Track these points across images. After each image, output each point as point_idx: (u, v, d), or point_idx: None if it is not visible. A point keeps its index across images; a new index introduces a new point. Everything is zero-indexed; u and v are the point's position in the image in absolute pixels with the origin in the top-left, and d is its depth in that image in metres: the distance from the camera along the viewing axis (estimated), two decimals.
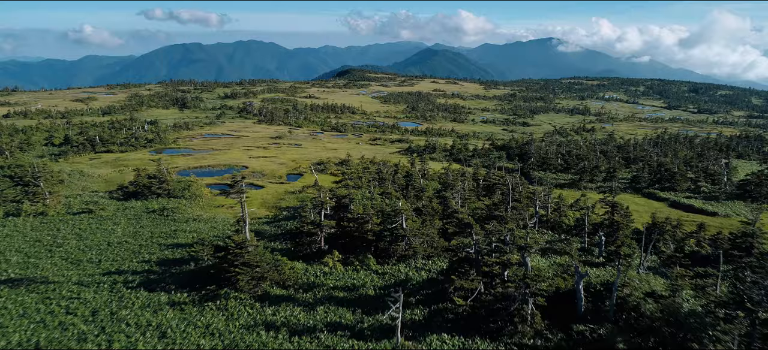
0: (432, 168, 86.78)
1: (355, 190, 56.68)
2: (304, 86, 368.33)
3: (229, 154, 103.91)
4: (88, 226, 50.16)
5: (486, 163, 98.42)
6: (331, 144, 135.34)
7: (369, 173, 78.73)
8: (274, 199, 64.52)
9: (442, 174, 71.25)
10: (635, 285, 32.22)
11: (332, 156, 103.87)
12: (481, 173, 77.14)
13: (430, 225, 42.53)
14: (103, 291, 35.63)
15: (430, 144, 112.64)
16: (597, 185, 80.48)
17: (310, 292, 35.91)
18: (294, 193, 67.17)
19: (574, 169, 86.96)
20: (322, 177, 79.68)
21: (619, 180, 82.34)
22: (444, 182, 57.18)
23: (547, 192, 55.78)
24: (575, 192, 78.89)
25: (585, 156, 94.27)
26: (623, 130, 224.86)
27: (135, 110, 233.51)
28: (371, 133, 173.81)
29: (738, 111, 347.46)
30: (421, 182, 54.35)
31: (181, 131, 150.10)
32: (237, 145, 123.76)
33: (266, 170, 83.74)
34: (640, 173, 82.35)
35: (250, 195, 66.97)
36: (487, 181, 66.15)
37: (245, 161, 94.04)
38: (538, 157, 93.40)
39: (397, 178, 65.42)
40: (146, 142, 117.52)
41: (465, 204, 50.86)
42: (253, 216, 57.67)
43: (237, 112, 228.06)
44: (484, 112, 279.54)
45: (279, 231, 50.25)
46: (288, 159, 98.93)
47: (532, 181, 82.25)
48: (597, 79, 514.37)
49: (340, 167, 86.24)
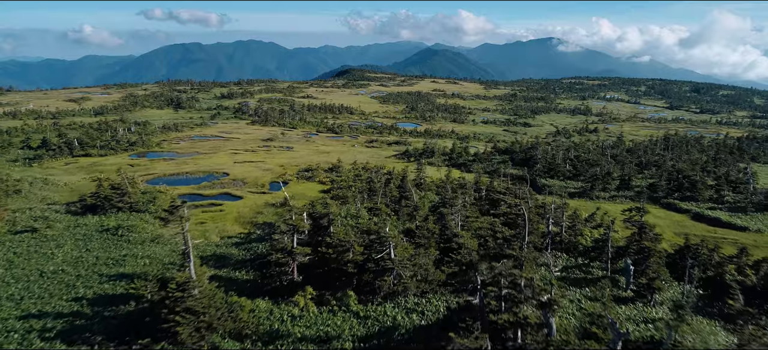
0: (430, 175, 78.94)
1: (341, 206, 48.86)
2: (303, 86, 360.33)
3: (214, 159, 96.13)
4: (25, 250, 42.36)
5: (488, 169, 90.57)
6: (325, 146, 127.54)
7: (360, 181, 70.90)
8: (251, 213, 56.72)
9: (440, 185, 63.38)
10: (689, 345, 24.38)
11: (323, 161, 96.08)
12: (484, 182, 69.25)
13: (425, 254, 34.70)
14: (12, 342, 27.90)
15: (428, 147, 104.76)
16: (610, 194, 72.56)
17: (272, 344, 28.16)
18: (274, 206, 59.35)
19: (585, 176, 79.01)
20: (308, 185, 71.86)
21: (634, 188, 74.43)
22: (442, 196, 49.25)
23: (561, 207, 47.85)
24: (587, 202, 71.08)
25: (595, 161, 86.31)
26: (626, 130, 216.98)
27: (129, 110, 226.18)
28: (368, 134, 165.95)
29: (741, 111, 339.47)
30: (415, 198, 46.46)
31: (169, 133, 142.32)
32: (225, 147, 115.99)
33: (249, 177, 75.90)
34: (657, 181, 74.36)
35: (224, 208, 59.23)
36: (491, 193, 58.29)
37: (229, 166, 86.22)
38: (545, 162, 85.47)
39: (390, 190, 57.60)
40: (128, 145, 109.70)
41: (466, 222, 43.06)
42: (223, 233, 49.92)
43: (232, 112, 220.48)
44: (484, 112, 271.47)
45: (248, 256, 42.44)
46: (276, 164, 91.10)
47: (540, 190, 74.36)
48: (598, 78, 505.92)
49: (330, 174, 78.43)
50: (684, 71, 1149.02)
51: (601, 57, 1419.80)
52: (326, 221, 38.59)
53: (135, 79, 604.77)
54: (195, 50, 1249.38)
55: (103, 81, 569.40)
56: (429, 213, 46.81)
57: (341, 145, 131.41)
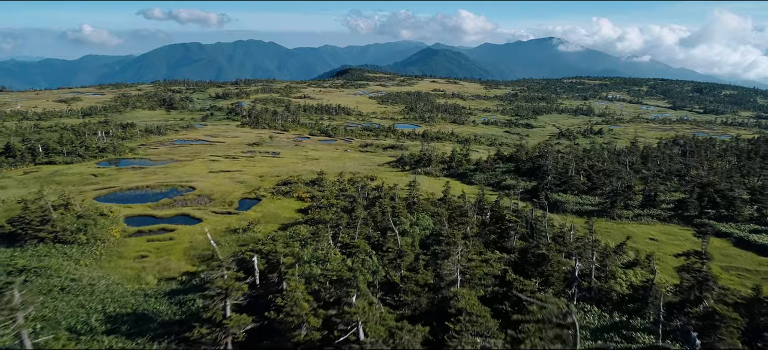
0: (425, 190, 68.02)
1: (311, 241, 37.97)
2: (300, 86, 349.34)
3: (187, 168, 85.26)
4: None
5: (492, 180, 79.54)
6: (315, 151, 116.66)
7: (344, 197, 60.09)
8: (206, 243, 45.91)
9: (436, 206, 52.37)
10: None
11: (309, 170, 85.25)
12: (488, 199, 58.36)
13: (410, 333, 23.78)
14: None
15: (425, 155, 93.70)
16: (634, 212, 61.56)
17: None
18: (236, 232, 48.52)
19: (602, 190, 68.03)
20: (283, 203, 60.92)
21: (661, 205, 63.45)
22: (438, 230, 38.38)
23: (590, 243, 36.98)
24: (607, 222, 60.10)
25: (613, 171, 75.24)
26: (632, 131, 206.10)
27: (119, 111, 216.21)
28: (364, 137, 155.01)
29: (745, 111, 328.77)
30: (400, 241, 35.58)
31: (150, 137, 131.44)
32: (205, 153, 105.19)
33: (217, 192, 65.00)
34: (688, 197, 63.30)
35: (176, 235, 48.38)
36: (497, 217, 47.45)
37: (200, 178, 75.31)
38: (556, 173, 74.43)
39: (375, 213, 46.76)
40: (98, 152, 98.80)
41: (468, 269, 32.20)
42: (163, 273, 39.09)
43: (226, 113, 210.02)
44: (485, 113, 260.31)
45: (178, 315, 31.56)
46: (254, 174, 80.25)
47: (553, 207, 63.43)
48: (599, 78, 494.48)
49: (312, 188, 67.52)
50: (684, 71, 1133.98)
51: (601, 57, 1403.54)
52: (277, 275, 27.71)
53: (135, 78, 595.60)
54: (195, 50, 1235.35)
55: (104, 80, 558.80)
56: (419, 252, 35.98)
57: (332, 151, 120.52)
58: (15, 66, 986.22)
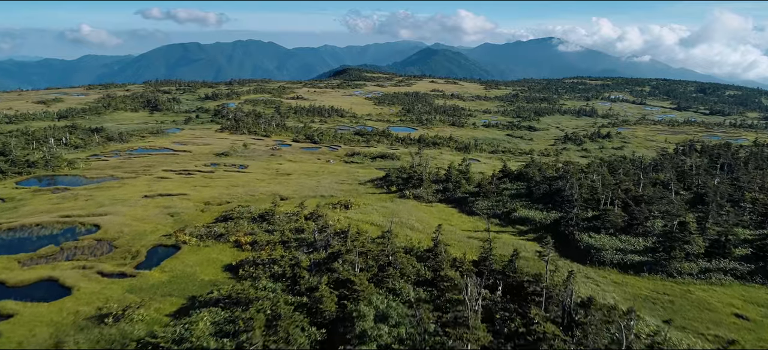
0: (412, 223, 49.44)
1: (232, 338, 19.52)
2: (294, 86, 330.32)
3: (118, 191, 66.44)
4: None
5: (498, 209, 60.90)
6: (291, 163, 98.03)
7: (298, 242, 41.69)
8: (53, 342, 27.49)
9: (418, 302, 33.53)
10: None
11: (270, 192, 66.63)
12: (499, 254, 39.72)
13: None
14: None
15: (415, 172, 74.84)
16: (700, 267, 43.03)
17: None
18: (104, 322, 30.08)
19: (645, 227, 49.44)
20: (212, 253, 42.32)
21: (734, 255, 44.87)
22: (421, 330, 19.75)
23: None
24: (664, 282, 41.44)
25: (653, 198, 56.51)
26: (640, 134, 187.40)
27: (98, 113, 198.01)
28: (353, 143, 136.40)
29: (752, 112, 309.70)
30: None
31: (108, 144, 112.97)
32: (158, 167, 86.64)
33: (127, 235, 46.45)
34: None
35: (13, 322, 29.89)
36: (513, 286, 29.01)
37: (122, 207, 56.58)
38: (581, 201, 55.79)
39: (322, 293, 28.50)
40: (26, 166, 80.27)
41: None
42: None
43: (211, 115, 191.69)
44: (485, 114, 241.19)
45: None
46: (198, 200, 61.62)
47: (584, 254, 44.90)
48: (601, 78, 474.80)
49: (258, 225, 48.95)
50: (684, 71, 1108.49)
51: (601, 56, 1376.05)
52: None
53: (134, 78, 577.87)
54: (194, 50, 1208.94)
55: (103, 80, 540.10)
56: None
57: (312, 162, 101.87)
58: (13, 66, 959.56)
